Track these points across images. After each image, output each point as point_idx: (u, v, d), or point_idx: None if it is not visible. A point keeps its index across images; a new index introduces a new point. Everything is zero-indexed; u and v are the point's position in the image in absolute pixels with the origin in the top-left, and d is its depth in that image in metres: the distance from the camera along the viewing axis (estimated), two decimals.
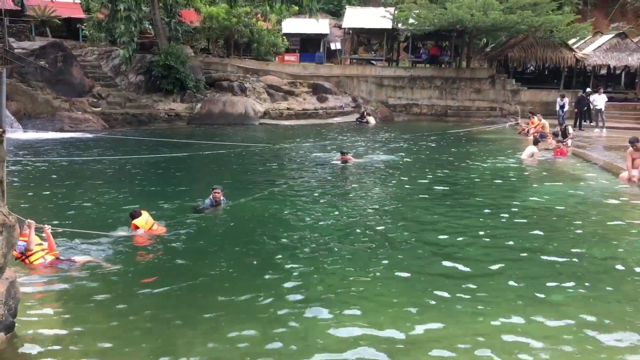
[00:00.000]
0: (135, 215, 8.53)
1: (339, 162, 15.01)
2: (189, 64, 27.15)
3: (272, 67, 31.53)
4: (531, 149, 16.57)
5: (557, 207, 10.49)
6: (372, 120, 27.69)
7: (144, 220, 8.52)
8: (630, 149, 13.09)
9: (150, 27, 29.76)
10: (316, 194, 11.51)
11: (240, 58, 32.56)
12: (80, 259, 7.33)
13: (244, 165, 15.22)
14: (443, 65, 32.76)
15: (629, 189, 12.22)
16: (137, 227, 8.42)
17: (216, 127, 24.35)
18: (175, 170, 14.49)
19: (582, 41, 33.43)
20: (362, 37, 36.38)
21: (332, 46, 38.84)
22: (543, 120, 22.33)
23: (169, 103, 26.33)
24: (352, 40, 35.54)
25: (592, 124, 24.78)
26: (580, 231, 8.98)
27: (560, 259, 7.47)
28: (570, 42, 31.91)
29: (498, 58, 33.09)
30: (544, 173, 14.49)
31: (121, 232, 8.56)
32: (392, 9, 31.57)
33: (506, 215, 9.96)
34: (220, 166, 15.11)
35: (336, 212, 9.96)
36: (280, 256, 7.56)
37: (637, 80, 30.59)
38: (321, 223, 9.33)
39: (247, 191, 11.39)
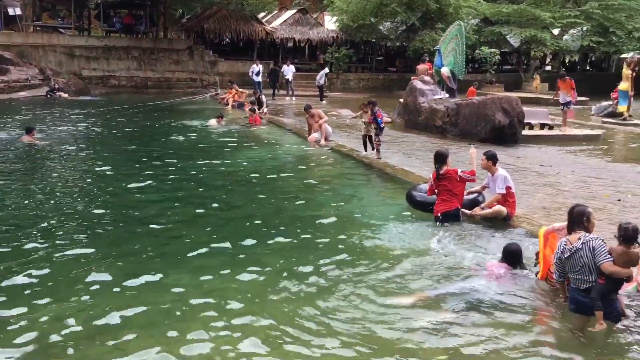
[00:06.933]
0: None
1: (23, 141, 13.37)
2: None
3: None
4: (212, 121, 17.27)
5: (254, 170, 11.15)
6: (64, 93, 25.42)
7: None
8: (307, 115, 14.82)
9: None
10: (5, 179, 10.10)
11: None
12: None
13: None
14: (139, 36, 31.75)
15: (315, 150, 13.69)
16: None
17: None
18: None
19: (270, 15, 35.88)
20: (46, 3, 32.93)
21: (11, 11, 34.13)
22: (241, 90, 23.42)
23: None
24: (34, 5, 31.87)
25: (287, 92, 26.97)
26: (278, 189, 9.74)
27: (261, 217, 7.97)
28: (260, 16, 33.95)
29: (195, 29, 33.38)
30: (241, 140, 15.23)
31: None
32: None
33: (204, 181, 10.26)
34: None
35: (31, 196, 8.90)
36: None
37: (317, 53, 34.19)
38: (19, 207, 8.24)
39: None
